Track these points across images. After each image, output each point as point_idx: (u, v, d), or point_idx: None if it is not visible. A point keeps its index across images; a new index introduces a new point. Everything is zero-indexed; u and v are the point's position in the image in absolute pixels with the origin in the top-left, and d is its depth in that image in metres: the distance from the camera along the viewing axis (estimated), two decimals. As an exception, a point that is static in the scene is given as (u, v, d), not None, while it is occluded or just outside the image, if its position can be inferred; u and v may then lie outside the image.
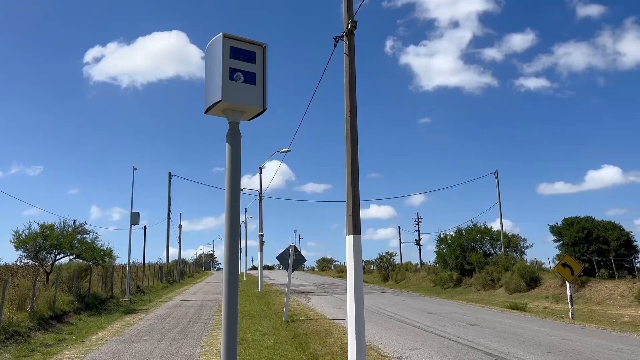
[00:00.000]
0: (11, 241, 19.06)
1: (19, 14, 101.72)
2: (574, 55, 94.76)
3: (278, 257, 15.94)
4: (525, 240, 39.92)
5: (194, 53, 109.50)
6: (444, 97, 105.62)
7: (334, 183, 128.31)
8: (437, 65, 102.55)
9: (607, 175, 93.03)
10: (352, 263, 7.73)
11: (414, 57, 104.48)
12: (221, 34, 3.42)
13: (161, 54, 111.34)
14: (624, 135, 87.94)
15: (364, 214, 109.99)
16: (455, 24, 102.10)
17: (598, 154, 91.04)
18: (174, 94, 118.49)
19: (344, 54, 8.45)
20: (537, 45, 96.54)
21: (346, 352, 7.76)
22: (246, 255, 58.41)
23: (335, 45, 8.72)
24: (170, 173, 41.85)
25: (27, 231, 19.17)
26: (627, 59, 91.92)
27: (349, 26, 8.32)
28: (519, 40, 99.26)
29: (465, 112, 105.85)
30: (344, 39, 8.42)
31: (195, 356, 9.53)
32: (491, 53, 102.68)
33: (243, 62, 3.47)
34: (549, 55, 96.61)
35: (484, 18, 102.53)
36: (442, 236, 42.14)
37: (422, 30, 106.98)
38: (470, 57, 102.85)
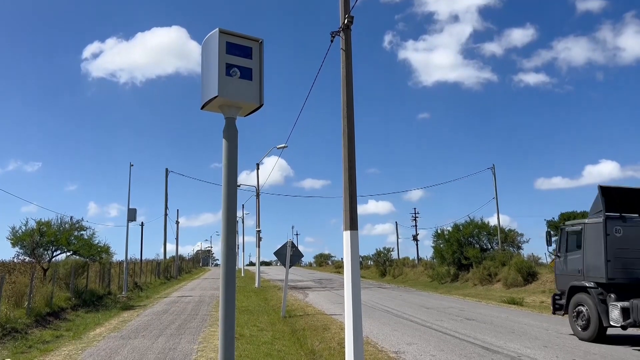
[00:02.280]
0: (8, 238, 19.03)
1: (17, 8, 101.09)
2: (574, 50, 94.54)
3: (276, 253, 15.95)
4: (522, 235, 40.04)
5: (194, 49, 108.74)
6: (443, 93, 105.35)
7: (333, 179, 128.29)
8: (437, 61, 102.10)
9: (605, 170, 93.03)
10: (349, 258, 7.74)
11: (412, 52, 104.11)
12: (217, 29, 3.41)
13: (160, 50, 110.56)
14: (622, 130, 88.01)
15: (362, 209, 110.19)
16: (455, 18, 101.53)
17: (596, 149, 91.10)
18: (174, 90, 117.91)
19: (340, 49, 8.44)
20: (537, 40, 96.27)
21: (344, 348, 7.78)
22: (243, 252, 58.53)
23: (332, 41, 8.71)
24: (167, 169, 41.76)
25: (24, 228, 19.14)
26: (627, 54, 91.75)
27: (346, 21, 8.30)
28: (519, 35, 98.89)
29: (464, 107, 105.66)
30: (341, 34, 8.41)
31: (193, 352, 9.54)
32: (491, 48, 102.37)
33: (239, 57, 3.46)
34: (548, 50, 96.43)
35: (484, 12, 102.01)
36: (439, 231, 42.24)
37: (422, 24, 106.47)
38: (470, 52, 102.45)
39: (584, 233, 11.88)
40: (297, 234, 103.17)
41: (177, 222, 51.84)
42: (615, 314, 10.46)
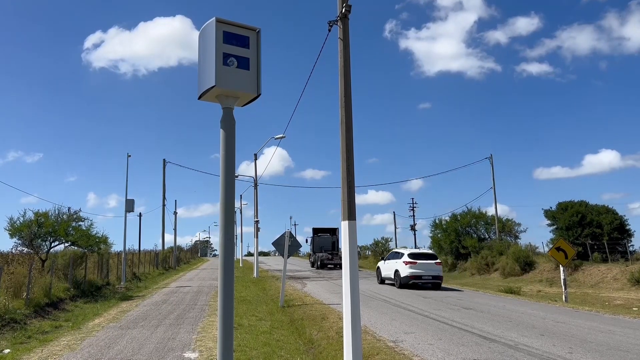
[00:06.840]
0: (6, 229, 19.00)
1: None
2: (578, 39, 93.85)
3: (274, 243, 15.98)
4: (519, 224, 40.28)
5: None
6: (446, 83, 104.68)
7: (333, 169, 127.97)
8: (440, 50, 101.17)
9: (605, 159, 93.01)
10: (347, 248, 7.75)
11: (415, 42, 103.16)
12: (214, 18, 3.38)
13: (163, 40, 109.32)
14: (623, 119, 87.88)
15: (362, 199, 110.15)
16: (459, 5, 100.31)
17: (596, 138, 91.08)
18: (176, 81, 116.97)
19: (338, 38, 8.38)
20: (541, 29, 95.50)
21: (342, 337, 7.82)
22: (242, 242, 58.45)
23: (329, 30, 8.64)
24: (164, 160, 41.64)
25: (22, 219, 19.11)
26: (632, 43, 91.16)
27: (343, 10, 8.23)
28: (524, 24, 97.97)
29: (466, 97, 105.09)
30: (338, 23, 8.34)
31: (192, 342, 9.58)
32: (495, 36, 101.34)
33: (236, 47, 3.43)
34: (552, 39, 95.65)
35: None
36: (437, 221, 42.45)
37: (424, 12, 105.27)
38: (473, 40, 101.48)
39: (313, 239, 42.25)
40: (295, 224, 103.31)
41: (175, 213, 51.79)
42: (316, 260, 39.61)
